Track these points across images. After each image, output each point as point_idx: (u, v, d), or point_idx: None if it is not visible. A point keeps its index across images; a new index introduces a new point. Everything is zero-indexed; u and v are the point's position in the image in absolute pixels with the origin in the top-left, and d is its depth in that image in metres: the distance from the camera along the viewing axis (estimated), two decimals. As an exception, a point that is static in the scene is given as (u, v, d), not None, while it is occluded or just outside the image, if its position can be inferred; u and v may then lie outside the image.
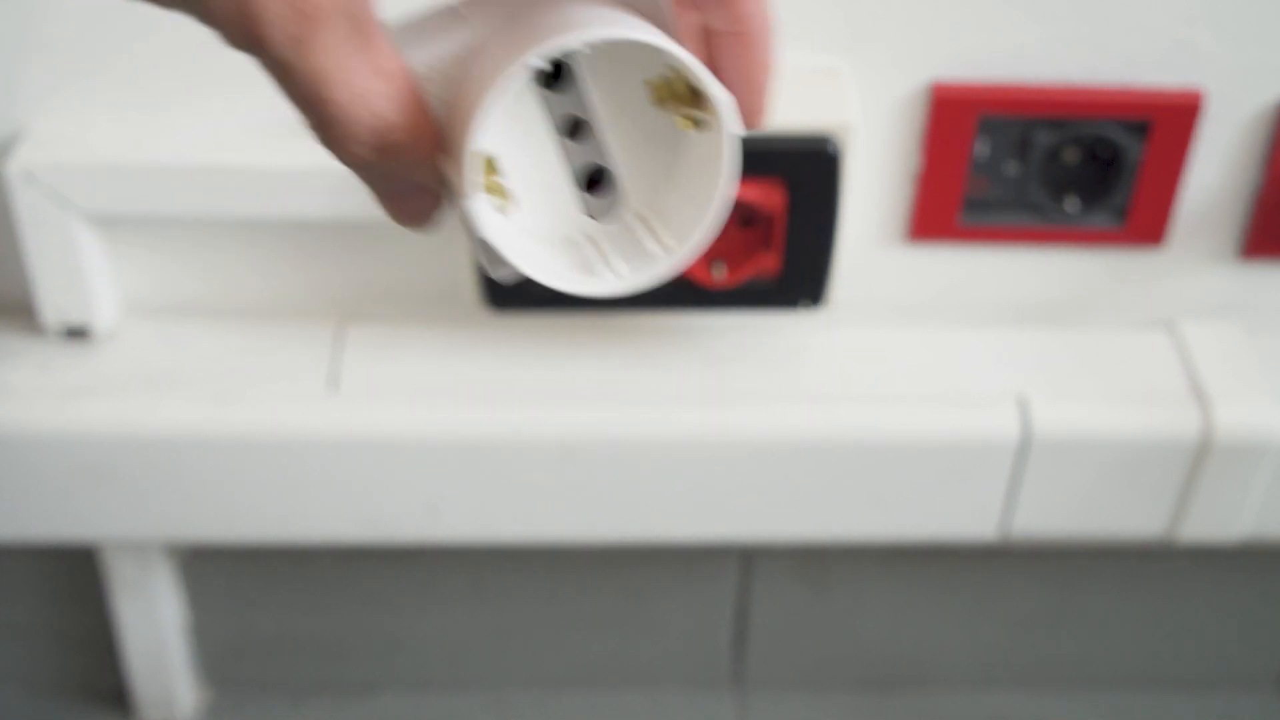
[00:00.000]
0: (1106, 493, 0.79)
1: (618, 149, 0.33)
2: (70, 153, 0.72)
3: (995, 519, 0.80)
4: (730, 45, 0.33)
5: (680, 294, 0.75)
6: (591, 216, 0.34)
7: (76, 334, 0.78)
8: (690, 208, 0.33)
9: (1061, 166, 0.75)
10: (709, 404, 0.77)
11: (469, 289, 0.79)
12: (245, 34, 0.30)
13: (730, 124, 0.32)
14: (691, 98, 0.32)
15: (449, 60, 0.32)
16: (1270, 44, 0.72)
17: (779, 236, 0.73)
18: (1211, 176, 0.76)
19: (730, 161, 0.32)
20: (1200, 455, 0.77)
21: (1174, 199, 0.75)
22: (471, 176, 0.31)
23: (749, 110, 0.34)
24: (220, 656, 0.95)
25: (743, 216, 0.73)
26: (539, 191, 0.33)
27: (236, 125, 0.73)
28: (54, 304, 0.77)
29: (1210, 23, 0.71)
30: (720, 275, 0.74)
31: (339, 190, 0.73)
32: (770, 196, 0.72)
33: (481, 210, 0.31)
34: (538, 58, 0.30)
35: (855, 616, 0.95)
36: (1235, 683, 0.98)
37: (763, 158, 0.71)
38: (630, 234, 0.33)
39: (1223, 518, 0.80)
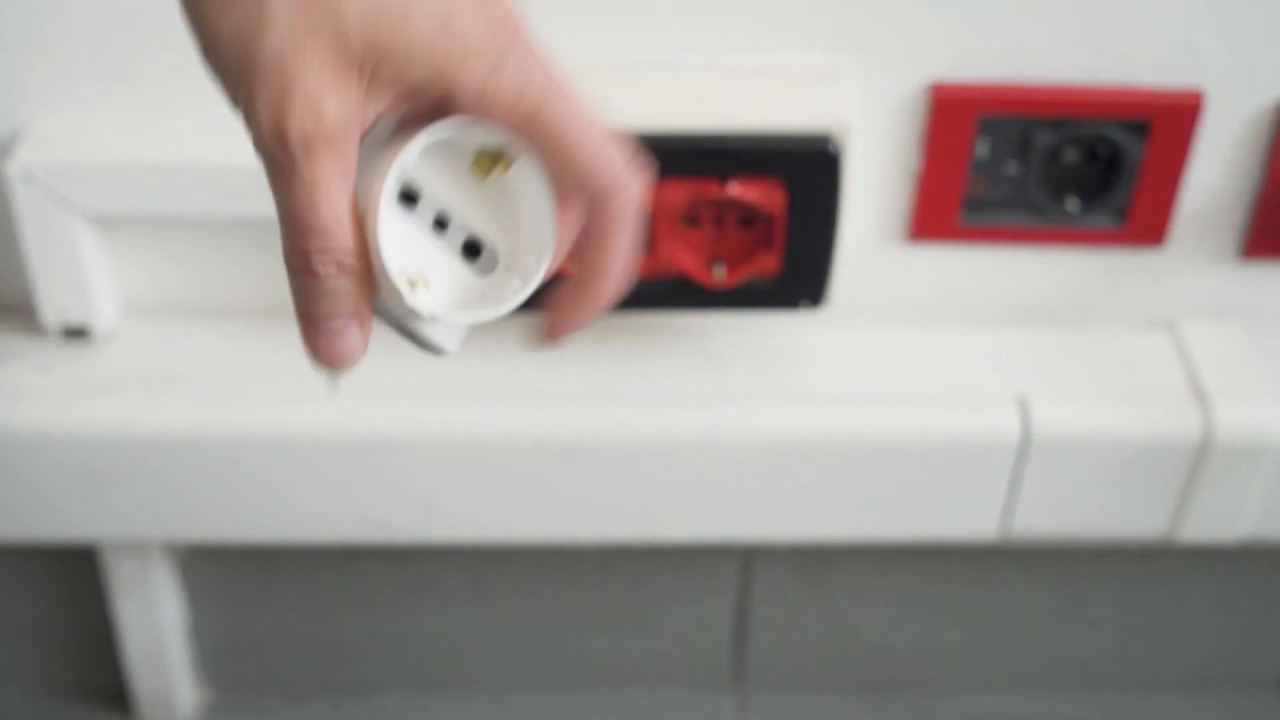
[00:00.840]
0: (1106, 493, 0.79)
1: (475, 220, 0.42)
2: (70, 153, 0.72)
3: (995, 519, 0.80)
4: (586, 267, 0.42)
5: (680, 294, 0.75)
6: (481, 275, 0.43)
7: (76, 334, 0.78)
8: (536, 229, 0.42)
9: (1061, 166, 0.75)
10: (709, 404, 0.77)
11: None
12: (273, 125, 0.39)
13: (529, 158, 0.41)
14: (498, 155, 0.41)
15: None
16: (1270, 44, 0.72)
17: (779, 236, 0.73)
18: (1211, 176, 0.76)
19: (545, 177, 0.41)
20: (1200, 455, 0.77)
21: (1174, 199, 0.75)
22: (394, 276, 0.40)
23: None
24: (220, 656, 0.95)
25: (743, 216, 0.73)
26: (444, 278, 0.43)
27: (236, 125, 0.73)
28: (54, 304, 0.77)
29: (1210, 23, 0.71)
30: (720, 275, 0.74)
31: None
32: (770, 196, 0.71)
33: (409, 298, 0.41)
34: (399, 166, 0.40)
35: (855, 616, 0.95)
36: (1235, 683, 0.98)
37: (763, 158, 0.70)
38: (510, 267, 0.43)
39: (1223, 518, 0.80)
